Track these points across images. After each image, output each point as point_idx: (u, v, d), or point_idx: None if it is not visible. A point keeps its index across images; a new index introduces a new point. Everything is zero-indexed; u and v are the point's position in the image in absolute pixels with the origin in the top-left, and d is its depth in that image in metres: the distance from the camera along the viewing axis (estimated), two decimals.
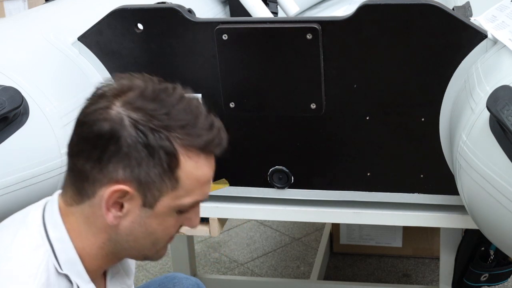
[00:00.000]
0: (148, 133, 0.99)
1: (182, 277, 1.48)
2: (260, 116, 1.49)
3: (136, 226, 1.05)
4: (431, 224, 1.54)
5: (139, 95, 1.02)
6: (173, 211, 1.06)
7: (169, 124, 1.00)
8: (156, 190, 1.02)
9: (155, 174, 1.01)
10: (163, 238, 1.10)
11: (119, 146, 0.99)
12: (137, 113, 1.00)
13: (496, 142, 1.08)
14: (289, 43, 1.40)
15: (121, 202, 1.02)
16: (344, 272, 2.68)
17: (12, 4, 3.19)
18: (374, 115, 1.43)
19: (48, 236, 1.05)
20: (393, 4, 1.34)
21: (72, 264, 1.05)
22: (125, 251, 1.09)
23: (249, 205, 1.59)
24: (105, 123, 1.00)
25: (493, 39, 1.31)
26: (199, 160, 1.04)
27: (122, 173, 1.00)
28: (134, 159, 1.00)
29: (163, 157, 1.00)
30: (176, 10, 1.44)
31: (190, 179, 1.04)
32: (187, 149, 1.02)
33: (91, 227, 1.05)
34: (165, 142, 1.00)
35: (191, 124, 1.02)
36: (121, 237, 1.06)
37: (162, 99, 1.02)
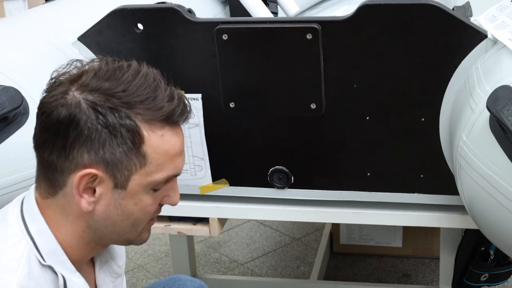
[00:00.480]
0: (107, 113, 0.98)
1: (186, 279, 1.47)
2: (260, 116, 1.49)
3: (111, 209, 1.03)
4: (431, 224, 1.54)
5: (93, 76, 1.00)
6: (148, 189, 1.04)
7: (127, 101, 0.99)
8: (125, 170, 1.01)
9: (120, 153, 1.00)
10: (142, 219, 1.07)
11: (80, 130, 0.98)
12: (93, 94, 0.99)
13: (496, 142, 1.08)
14: (289, 43, 1.40)
15: (92, 186, 1.01)
16: (344, 272, 2.68)
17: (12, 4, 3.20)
18: (374, 115, 1.43)
19: (28, 230, 1.04)
20: (393, 4, 1.34)
21: (55, 255, 1.04)
22: (106, 237, 1.08)
23: (249, 205, 1.59)
24: (62, 109, 0.98)
25: (493, 39, 1.31)
26: (164, 132, 1.02)
27: (88, 157, 0.99)
28: (97, 141, 0.99)
29: (125, 135, 0.99)
30: (176, 10, 1.44)
31: (158, 153, 1.02)
32: (149, 123, 1.00)
33: (68, 217, 1.04)
34: (126, 120, 0.99)
35: (151, 97, 1.01)
36: (99, 223, 1.05)
37: (118, 77, 1.01)
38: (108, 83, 1.00)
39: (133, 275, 2.76)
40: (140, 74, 1.02)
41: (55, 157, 1.01)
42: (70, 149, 0.99)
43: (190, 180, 1.57)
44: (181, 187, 1.57)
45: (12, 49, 1.42)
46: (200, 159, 1.54)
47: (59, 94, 1.00)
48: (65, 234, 1.05)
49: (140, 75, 1.02)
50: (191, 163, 1.55)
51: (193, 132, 1.51)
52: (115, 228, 1.06)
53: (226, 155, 1.54)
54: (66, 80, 1.02)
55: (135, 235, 1.09)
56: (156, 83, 1.03)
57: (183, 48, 1.46)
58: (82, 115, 0.98)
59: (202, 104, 1.48)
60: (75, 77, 1.02)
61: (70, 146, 0.99)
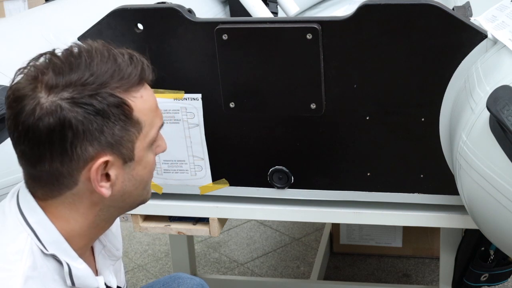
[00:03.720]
0: (90, 101, 0.99)
1: (186, 277, 1.48)
2: (260, 116, 1.49)
3: (127, 183, 1.06)
4: (431, 224, 1.54)
5: (55, 74, 0.99)
6: (148, 149, 1.08)
7: (100, 82, 1.00)
8: (128, 143, 1.03)
9: (119, 130, 1.01)
10: (150, 178, 1.12)
11: (75, 129, 0.98)
12: (67, 90, 0.98)
13: (496, 142, 1.08)
14: (289, 43, 1.40)
15: (105, 172, 1.03)
16: (344, 272, 2.68)
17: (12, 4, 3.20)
18: (374, 115, 1.43)
19: (27, 221, 1.04)
20: (393, 4, 1.34)
21: (57, 244, 1.05)
22: (121, 209, 1.11)
23: (249, 205, 1.59)
24: (46, 118, 0.97)
25: (493, 39, 1.31)
26: (141, 93, 1.05)
27: (92, 149, 1.00)
28: (95, 131, 0.99)
29: (115, 112, 1.01)
30: (176, 10, 1.44)
31: (146, 114, 1.05)
32: (128, 91, 1.02)
33: (78, 210, 1.05)
34: (109, 98, 1.00)
35: (116, 69, 1.01)
36: (115, 201, 1.07)
37: (77, 64, 1.00)
38: (74, 75, 0.99)
39: (133, 275, 2.76)
40: (94, 52, 1.02)
41: (59, 164, 1.00)
42: (72, 150, 0.99)
43: (190, 180, 1.57)
44: (181, 187, 1.59)
45: (12, 49, 1.42)
46: (200, 159, 1.54)
47: (33, 106, 0.98)
48: (74, 224, 1.06)
49: (94, 53, 1.02)
50: (191, 163, 1.55)
51: (193, 132, 1.51)
52: (131, 198, 1.09)
53: (226, 155, 1.54)
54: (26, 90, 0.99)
55: (146, 195, 1.13)
56: (111, 53, 1.03)
57: (183, 48, 1.46)
58: (69, 113, 0.98)
59: (202, 104, 1.48)
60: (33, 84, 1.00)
61: (71, 147, 0.99)
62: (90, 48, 1.03)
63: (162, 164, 1.56)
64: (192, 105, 1.49)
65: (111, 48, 1.04)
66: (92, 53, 1.02)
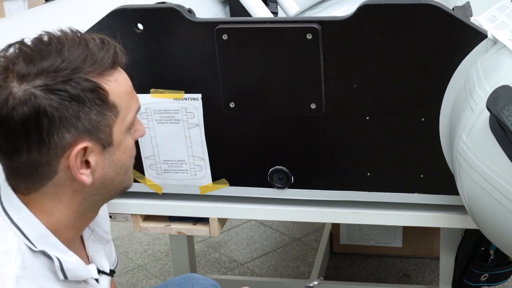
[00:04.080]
0: (64, 87, 0.98)
1: (200, 278, 1.49)
2: (260, 116, 1.49)
3: (107, 169, 1.06)
4: (431, 224, 1.54)
5: (25, 63, 0.98)
6: (126, 133, 1.07)
7: (73, 67, 0.99)
8: (105, 127, 1.03)
9: (95, 115, 1.01)
10: (130, 162, 1.11)
11: (51, 116, 0.97)
12: (39, 78, 0.97)
13: (496, 142, 1.08)
14: (289, 43, 1.40)
15: (85, 159, 1.02)
16: (344, 272, 2.68)
17: (12, 4, 3.20)
18: (374, 115, 1.43)
19: (12, 220, 1.03)
20: (393, 4, 1.34)
21: (45, 239, 1.04)
22: (104, 197, 1.10)
23: (249, 205, 1.59)
24: (20, 107, 0.96)
25: (493, 39, 1.31)
26: (116, 77, 1.04)
27: (70, 136, 0.99)
28: (71, 117, 0.98)
29: (91, 96, 1.00)
30: (176, 10, 1.44)
31: (122, 97, 1.05)
32: (101, 75, 1.01)
33: (61, 200, 1.04)
34: (84, 83, 0.99)
35: (88, 53, 1.01)
36: (97, 189, 1.07)
37: (48, 51, 0.99)
38: (45, 62, 0.98)
39: (133, 275, 2.76)
40: (64, 38, 1.01)
41: (37, 154, 0.99)
42: (49, 138, 0.98)
43: (190, 180, 1.57)
44: (181, 187, 1.59)
45: None
46: (200, 159, 1.54)
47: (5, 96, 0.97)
48: (59, 216, 1.05)
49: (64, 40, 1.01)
50: (191, 163, 1.55)
51: (193, 132, 1.51)
52: (113, 184, 1.09)
53: (226, 155, 1.54)
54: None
55: (128, 181, 1.13)
56: (82, 38, 1.02)
57: (183, 48, 1.46)
58: (43, 101, 0.97)
59: (202, 104, 1.48)
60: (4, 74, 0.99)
61: (47, 135, 0.98)
62: (60, 35, 1.02)
63: (162, 164, 1.56)
64: (192, 105, 1.49)
65: (81, 33, 1.03)
66: (63, 40, 1.01)
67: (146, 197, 1.61)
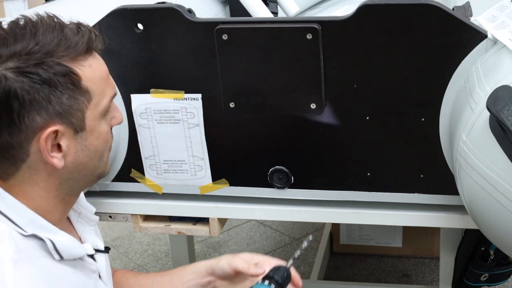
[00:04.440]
0: (36, 70, 0.98)
1: None
2: (260, 116, 1.49)
3: (80, 154, 1.06)
4: (431, 224, 1.54)
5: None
6: (100, 119, 1.07)
7: (46, 51, 0.99)
8: (77, 112, 1.03)
9: (67, 99, 1.01)
10: (105, 149, 1.11)
11: (21, 99, 0.98)
12: (11, 61, 0.98)
13: (496, 142, 1.08)
14: (289, 43, 1.40)
15: (56, 143, 1.02)
16: (344, 272, 2.68)
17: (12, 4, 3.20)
18: (374, 115, 1.43)
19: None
20: (393, 4, 1.34)
21: (34, 223, 1.04)
22: (80, 182, 1.10)
23: (249, 205, 1.59)
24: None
25: (493, 39, 1.31)
26: (90, 62, 1.04)
27: (40, 119, 1.00)
28: (42, 100, 0.99)
29: (63, 81, 1.00)
30: (176, 10, 1.44)
31: (96, 82, 1.05)
32: (75, 60, 1.02)
33: (38, 184, 1.05)
34: (56, 67, 0.99)
35: (62, 38, 1.01)
36: (72, 173, 1.07)
37: (22, 34, 1.00)
38: (18, 45, 0.99)
39: None
40: (39, 22, 1.02)
41: (8, 136, 1.00)
42: (19, 120, 0.99)
43: (190, 180, 1.57)
44: (181, 187, 1.59)
45: None
46: (200, 159, 1.54)
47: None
48: (40, 202, 1.06)
49: (40, 24, 1.02)
50: (191, 163, 1.55)
51: (193, 132, 1.51)
52: (87, 170, 1.09)
53: (226, 155, 1.54)
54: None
55: (103, 167, 1.12)
56: (58, 23, 1.03)
57: (183, 48, 1.46)
58: (14, 83, 0.97)
59: (202, 104, 1.48)
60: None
61: (18, 117, 0.98)
62: (36, 19, 1.03)
63: (162, 164, 1.56)
64: (192, 105, 1.49)
65: (58, 18, 1.04)
66: (38, 23, 1.02)
67: (146, 197, 1.61)
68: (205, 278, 1.30)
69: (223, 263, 1.27)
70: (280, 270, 1.21)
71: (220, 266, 1.27)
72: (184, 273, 1.33)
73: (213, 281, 1.30)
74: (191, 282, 1.31)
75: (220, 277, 1.28)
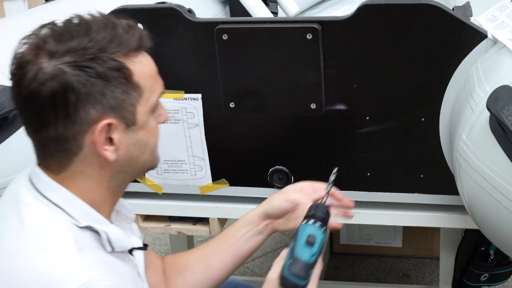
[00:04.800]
0: (91, 65, 1.01)
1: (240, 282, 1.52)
2: (260, 116, 1.49)
3: (131, 148, 1.08)
4: (431, 224, 1.54)
5: (55, 41, 1.02)
6: (150, 114, 1.10)
7: (100, 47, 1.02)
8: (130, 106, 1.05)
9: (120, 93, 1.04)
10: (155, 143, 1.14)
11: (78, 91, 1.00)
12: (68, 56, 1.01)
13: (496, 142, 1.08)
14: (289, 43, 1.40)
15: (108, 136, 1.05)
16: (344, 272, 2.68)
17: (12, 4, 3.20)
18: (374, 115, 1.43)
19: (52, 202, 1.06)
20: (393, 4, 1.34)
21: (88, 215, 1.07)
22: (131, 175, 1.13)
23: (249, 205, 1.59)
24: (50, 82, 1.00)
25: (493, 39, 1.31)
26: (141, 59, 1.07)
27: (95, 112, 1.02)
28: (97, 93, 1.02)
29: (116, 75, 1.03)
30: (176, 10, 1.44)
31: (146, 79, 1.08)
32: (127, 56, 1.05)
33: (90, 177, 1.08)
34: (110, 62, 1.02)
35: (115, 36, 1.04)
36: (123, 166, 1.09)
37: (77, 31, 1.03)
38: (74, 42, 1.02)
39: None
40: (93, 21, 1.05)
41: (63, 129, 1.02)
42: (75, 113, 1.02)
43: (190, 180, 1.57)
44: (181, 187, 1.59)
45: (12, 49, 1.41)
46: (200, 159, 1.54)
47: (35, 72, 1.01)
48: (92, 194, 1.09)
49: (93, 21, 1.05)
50: (191, 163, 1.55)
51: (193, 132, 1.51)
52: (138, 163, 1.11)
53: (226, 155, 1.54)
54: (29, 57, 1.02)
55: (154, 160, 1.15)
56: (110, 21, 1.06)
57: (183, 48, 1.46)
58: (71, 77, 1.00)
59: (202, 104, 1.48)
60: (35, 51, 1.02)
61: (73, 110, 1.01)
62: (89, 17, 1.06)
63: (162, 164, 1.56)
64: (192, 105, 1.49)
65: (110, 17, 1.07)
66: (91, 21, 1.05)
67: (146, 197, 1.61)
68: (261, 224, 1.34)
69: (277, 202, 1.31)
70: (319, 207, 1.21)
71: (275, 206, 1.31)
72: (237, 229, 1.36)
73: (270, 223, 1.34)
74: (247, 234, 1.35)
75: (277, 216, 1.32)
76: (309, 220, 1.17)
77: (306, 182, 1.34)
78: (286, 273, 1.14)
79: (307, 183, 1.34)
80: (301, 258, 1.14)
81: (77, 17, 1.06)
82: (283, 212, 1.32)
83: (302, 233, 1.16)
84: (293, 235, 1.20)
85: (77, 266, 1.00)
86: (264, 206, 1.34)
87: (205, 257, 1.37)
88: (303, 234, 1.16)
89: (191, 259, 1.37)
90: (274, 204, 1.32)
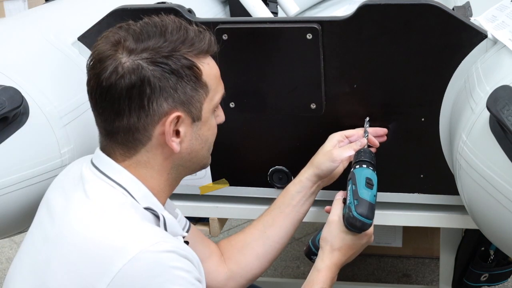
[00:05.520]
0: (166, 61, 1.10)
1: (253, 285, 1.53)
2: (260, 116, 1.49)
3: (194, 142, 1.17)
4: (431, 224, 1.54)
5: (133, 40, 1.12)
6: (212, 113, 1.19)
7: (174, 47, 1.12)
8: (197, 103, 1.14)
9: (190, 89, 1.13)
10: (213, 140, 1.22)
11: (153, 85, 1.09)
12: (145, 53, 1.10)
13: (496, 142, 1.08)
14: (289, 43, 1.40)
15: (176, 129, 1.13)
16: (344, 272, 2.67)
17: (12, 4, 3.20)
18: (374, 115, 1.43)
19: (115, 181, 1.13)
20: (393, 4, 1.35)
21: (148, 198, 1.14)
22: (188, 169, 1.21)
23: (249, 205, 1.59)
24: (128, 75, 1.09)
25: (493, 39, 1.31)
26: (208, 61, 1.17)
27: (167, 105, 1.11)
28: (170, 88, 1.11)
29: (188, 73, 1.12)
30: (176, 10, 1.44)
31: (212, 79, 1.17)
32: (197, 57, 1.14)
33: (153, 167, 1.15)
34: (183, 60, 1.12)
35: (187, 38, 1.13)
36: (184, 159, 1.17)
37: (154, 32, 1.13)
38: (151, 41, 1.11)
39: None
40: (166, 23, 1.15)
41: (136, 119, 1.11)
42: (149, 105, 1.10)
43: (190, 180, 1.57)
44: (181, 187, 1.58)
45: (12, 49, 1.42)
46: None
47: (115, 66, 1.09)
48: (152, 182, 1.16)
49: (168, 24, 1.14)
50: None
51: None
52: (197, 158, 1.20)
53: (226, 155, 1.54)
54: (108, 53, 1.10)
55: (208, 158, 1.24)
56: (182, 25, 1.15)
57: None
58: (147, 71, 1.09)
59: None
60: (115, 48, 1.11)
61: (148, 102, 1.10)
62: (165, 20, 1.16)
63: None
64: None
65: (182, 21, 1.17)
66: (166, 24, 1.14)
67: None
68: (313, 187, 1.43)
69: (326, 165, 1.40)
70: (365, 152, 1.33)
71: (326, 169, 1.40)
72: (289, 198, 1.43)
73: (320, 183, 1.43)
74: (302, 199, 1.43)
75: (327, 176, 1.42)
76: (362, 165, 1.30)
77: (338, 134, 1.42)
78: (354, 214, 1.25)
79: (340, 136, 1.41)
80: (366, 199, 1.25)
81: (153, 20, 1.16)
82: (332, 171, 1.40)
83: (360, 177, 1.28)
84: (348, 179, 1.31)
85: (143, 230, 1.07)
86: (313, 170, 1.41)
87: (263, 231, 1.43)
88: (361, 177, 1.28)
89: (248, 237, 1.44)
90: (324, 167, 1.40)
